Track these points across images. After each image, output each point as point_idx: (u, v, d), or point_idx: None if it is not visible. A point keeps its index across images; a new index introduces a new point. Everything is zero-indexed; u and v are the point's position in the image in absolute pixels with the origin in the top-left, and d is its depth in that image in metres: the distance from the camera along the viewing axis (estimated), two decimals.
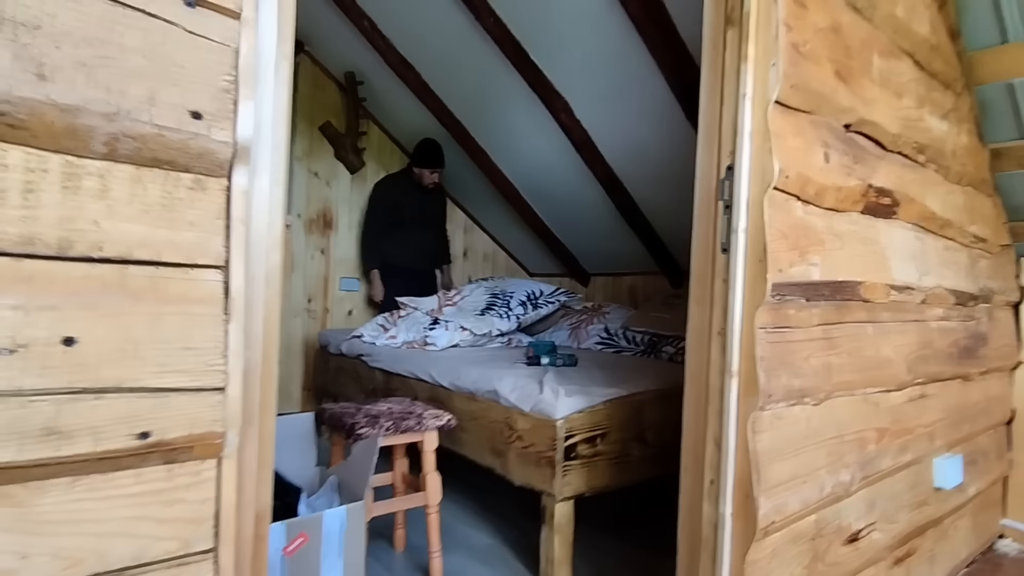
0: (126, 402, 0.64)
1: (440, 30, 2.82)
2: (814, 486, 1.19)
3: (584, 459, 1.68)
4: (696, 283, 1.17)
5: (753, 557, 1.06)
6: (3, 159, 0.57)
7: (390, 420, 1.62)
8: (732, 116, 1.10)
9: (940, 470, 1.61)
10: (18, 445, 0.58)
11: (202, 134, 0.67)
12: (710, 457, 1.12)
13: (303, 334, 3.68)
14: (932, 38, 1.57)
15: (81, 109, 0.60)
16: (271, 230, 0.77)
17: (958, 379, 1.74)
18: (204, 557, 0.71)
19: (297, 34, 0.81)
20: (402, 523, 1.93)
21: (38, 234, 0.59)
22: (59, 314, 0.60)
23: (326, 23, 3.19)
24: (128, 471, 0.65)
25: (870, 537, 1.36)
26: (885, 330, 1.41)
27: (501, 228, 4.21)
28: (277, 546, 1.38)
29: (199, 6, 0.67)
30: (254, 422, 0.76)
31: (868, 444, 1.34)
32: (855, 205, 1.31)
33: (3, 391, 0.57)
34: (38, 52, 0.58)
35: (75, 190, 0.61)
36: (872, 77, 1.33)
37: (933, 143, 1.58)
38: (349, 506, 1.52)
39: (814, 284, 1.18)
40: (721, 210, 1.11)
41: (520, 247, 4.27)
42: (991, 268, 1.95)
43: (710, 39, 1.15)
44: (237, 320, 0.71)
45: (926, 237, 1.59)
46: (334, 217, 3.79)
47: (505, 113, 3.11)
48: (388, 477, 1.87)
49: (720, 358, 1.10)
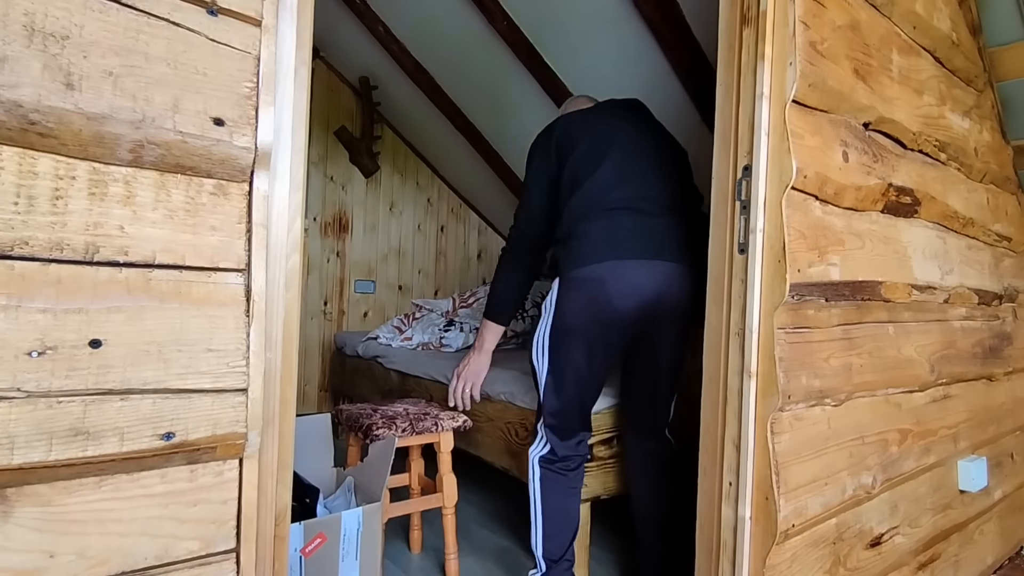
0: (151, 403, 0.65)
1: (454, 34, 2.83)
2: (835, 488, 1.17)
3: (601, 461, 1.67)
4: (713, 283, 1.16)
5: (773, 561, 1.05)
6: (33, 167, 0.59)
7: (406, 421, 1.63)
8: (749, 116, 1.09)
9: (965, 472, 1.58)
10: (47, 445, 0.60)
11: (224, 140, 0.68)
12: (728, 459, 1.11)
13: (319, 336, 3.71)
14: (952, 34, 1.54)
15: (108, 117, 0.61)
16: (290, 234, 0.78)
17: (983, 379, 1.71)
18: (226, 557, 0.72)
19: (312, 40, 0.82)
20: (418, 524, 1.94)
21: (66, 239, 0.61)
22: (86, 317, 0.62)
23: (341, 29, 3.22)
24: (153, 471, 0.66)
25: (893, 541, 1.34)
26: (907, 330, 1.39)
27: None
28: (295, 546, 1.39)
29: (221, 15, 0.68)
30: (274, 423, 0.77)
31: (890, 446, 1.32)
32: (875, 204, 1.29)
33: (33, 392, 0.59)
34: (66, 62, 0.59)
35: (101, 196, 0.63)
36: (891, 74, 1.32)
37: (955, 141, 1.55)
38: (366, 507, 1.53)
39: (834, 284, 1.17)
40: (738, 210, 1.11)
41: None
42: (1016, 267, 1.91)
43: (726, 38, 1.14)
44: (258, 322, 0.72)
45: (948, 236, 1.56)
46: (350, 221, 3.82)
47: (519, 116, 3.11)
48: (404, 478, 1.88)
49: (738, 359, 1.09)
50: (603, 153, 1.45)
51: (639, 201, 1.41)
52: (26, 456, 0.58)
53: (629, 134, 1.50)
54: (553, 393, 1.47)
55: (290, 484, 0.80)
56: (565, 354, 1.43)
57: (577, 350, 1.42)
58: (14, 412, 0.58)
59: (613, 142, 1.47)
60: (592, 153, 1.45)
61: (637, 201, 1.41)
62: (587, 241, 1.39)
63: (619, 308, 1.37)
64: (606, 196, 1.41)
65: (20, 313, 0.58)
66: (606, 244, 1.38)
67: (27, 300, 0.58)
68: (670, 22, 2.14)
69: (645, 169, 1.46)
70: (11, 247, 0.58)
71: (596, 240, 1.38)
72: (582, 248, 1.39)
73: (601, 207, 1.40)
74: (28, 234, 0.59)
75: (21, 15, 0.57)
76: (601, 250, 1.37)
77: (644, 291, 1.38)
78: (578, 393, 1.47)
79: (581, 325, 1.40)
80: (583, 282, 1.38)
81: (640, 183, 1.44)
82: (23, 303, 0.58)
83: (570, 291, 1.41)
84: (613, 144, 1.46)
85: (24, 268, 0.58)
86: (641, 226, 1.40)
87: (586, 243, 1.39)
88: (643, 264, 1.38)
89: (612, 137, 1.48)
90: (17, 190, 0.58)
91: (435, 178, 4.14)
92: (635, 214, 1.40)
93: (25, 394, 0.58)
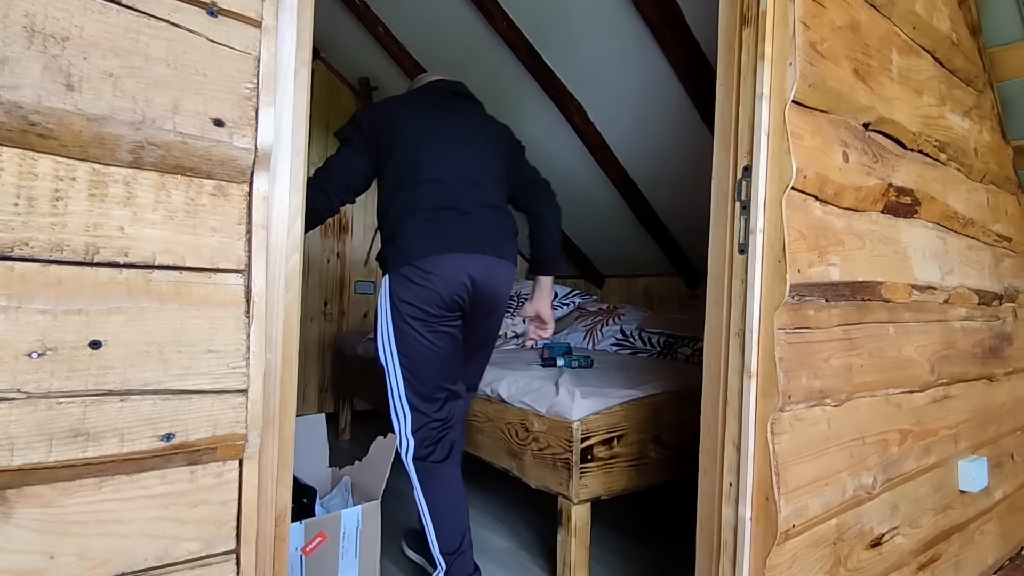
0: (151, 404, 0.65)
1: (454, 34, 2.83)
2: (835, 489, 1.17)
3: (601, 461, 1.67)
4: (713, 284, 1.16)
5: (773, 561, 1.05)
6: (33, 168, 0.59)
7: None
8: (749, 116, 1.09)
9: (965, 473, 1.58)
10: (47, 446, 0.60)
11: (224, 141, 0.68)
12: (729, 459, 1.11)
13: (320, 337, 3.72)
14: (952, 34, 1.55)
15: (108, 118, 0.61)
16: (290, 234, 0.78)
17: (983, 380, 1.71)
18: (226, 558, 0.72)
19: (312, 41, 0.82)
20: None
21: (66, 240, 0.61)
22: (86, 318, 0.62)
23: (341, 29, 3.22)
24: (153, 472, 0.66)
25: (893, 541, 1.34)
26: (907, 330, 1.39)
27: None
28: (295, 546, 1.39)
29: (221, 16, 0.68)
30: (274, 423, 0.77)
31: (891, 446, 1.32)
32: (875, 205, 1.29)
33: (33, 393, 0.59)
34: (67, 63, 0.59)
35: (102, 197, 0.63)
36: (891, 75, 1.32)
37: (955, 141, 1.55)
38: (365, 505, 1.53)
39: (834, 284, 1.17)
40: (738, 211, 1.11)
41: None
42: (1016, 267, 1.91)
43: (726, 39, 1.14)
44: (258, 323, 0.72)
45: (948, 236, 1.56)
46: (349, 221, 3.82)
47: (518, 116, 3.11)
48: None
49: (738, 359, 1.09)
50: (426, 152, 1.55)
51: (460, 201, 1.54)
52: (26, 457, 0.58)
53: (453, 130, 1.61)
54: (412, 376, 1.54)
55: (290, 485, 0.80)
56: (410, 336, 1.52)
57: (418, 331, 1.52)
58: (14, 413, 0.58)
59: (435, 140, 1.57)
60: (414, 150, 1.55)
61: (458, 200, 1.54)
62: (413, 238, 1.50)
63: (445, 296, 1.50)
64: (430, 198, 1.52)
65: (20, 314, 0.58)
66: (431, 240, 1.50)
67: (27, 301, 0.58)
68: (670, 22, 2.14)
69: (468, 166, 1.58)
70: (11, 248, 0.58)
71: (421, 237, 1.50)
72: (408, 245, 1.50)
73: (426, 207, 1.52)
74: (28, 235, 0.59)
75: (21, 16, 0.57)
76: (427, 246, 1.49)
77: (465, 280, 1.52)
78: (431, 366, 1.55)
79: (415, 310, 1.51)
80: (411, 275, 1.49)
81: (462, 184, 1.56)
82: (23, 304, 0.58)
83: (400, 284, 1.51)
84: (435, 143, 1.57)
85: (24, 269, 0.58)
86: (460, 222, 1.53)
87: (411, 240, 1.50)
88: (464, 257, 1.51)
89: (435, 135, 1.58)
90: (17, 191, 0.58)
91: None
92: (456, 212, 1.53)
93: (25, 395, 0.58)
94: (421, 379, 1.54)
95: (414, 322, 1.51)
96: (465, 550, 1.54)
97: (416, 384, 1.54)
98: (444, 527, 1.52)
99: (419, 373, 1.53)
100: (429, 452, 1.55)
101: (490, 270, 1.56)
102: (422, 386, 1.54)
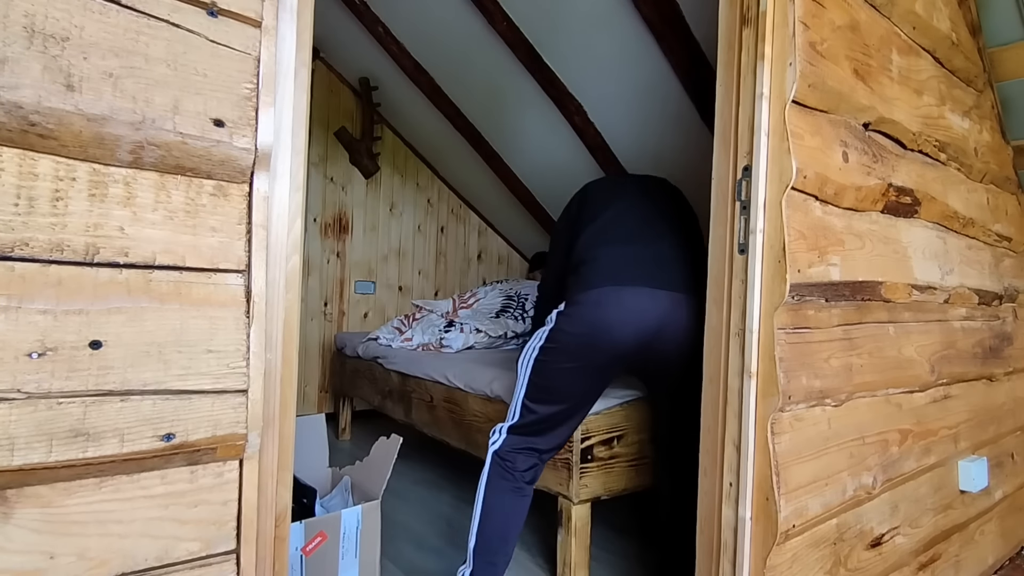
0: (151, 404, 0.65)
1: (453, 34, 2.83)
2: (836, 489, 1.17)
3: (601, 461, 1.67)
4: (713, 284, 1.16)
5: (773, 561, 1.05)
6: (33, 168, 0.59)
7: None
8: (749, 116, 1.09)
9: (965, 473, 1.58)
10: (47, 447, 0.60)
11: (224, 141, 0.68)
12: (729, 459, 1.11)
13: (320, 337, 3.71)
14: (952, 34, 1.55)
15: (108, 119, 0.61)
16: (291, 235, 0.78)
17: (983, 380, 1.70)
18: (226, 558, 0.72)
19: (312, 41, 0.82)
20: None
21: (66, 240, 0.61)
22: (86, 318, 0.62)
23: (341, 29, 3.22)
24: (153, 472, 0.66)
25: (893, 541, 1.34)
26: (907, 330, 1.39)
27: (515, 231, 4.22)
28: (295, 545, 1.39)
29: (221, 16, 0.68)
30: (274, 423, 0.77)
31: (891, 446, 1.32)
32: (875, 205, 1.29)
33: (33, 393, 0.59)
34: (67, 63, 0.59)
35: (102, 197, 0.63)
36: (891, 75, 1.32)
37: (954, 141, 1.55)
38: (365, 505, 1.53)
39: (834, 284, 1.17)
40: (738, 211, 1.11)
41: (534, 249, 4.27)
42: (1016, 267, 1.91)
43: (726, 39, 1.14)
44: (258, 323, 0.72)
45: (948, 236, 1.56)
46: (350, 221, 3.82)
47: (518, 116, 3.11)
48: None
49: (738, 359, 1.09)
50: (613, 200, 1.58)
51: (644, 235, 1.48)
52: (26, 457, 0.58)
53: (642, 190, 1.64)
54: (526, 407, 1.47)
55: (290, 485, 0.80)
56: (549, 370, 1.44)
57: (562, 369, 1.42)
58: (14, 413, 0.58)
59: (625, 195, 1.60)
60: (603, 200, 1.59)
61: (641, 235, 1.48)
62: (593, 267, 1.43)
63: (616, 336, 1.36)
64: (613, 231, 1.49)
65: (20, 314, 0.58)
66: (609, 270, 1.41)
67: (27, 301, 0.58)
68: (670, 22, 2.14)
69: (653, 217, 1.55)
70: (11, 248, 0.58)
71: (601, 266, 1.42)
72: (587, 274, 1.43)
73: (609, 238, 1.48)
74: (28, 235, 0.59)
75: (21, 16, 0.57)
76: (604, 275, 1.40)
77: (644, 318, 1.37)
78: (552, 412, 1.45)
79: (573, 345, 1.40)
80: (583, 305, 1.40)
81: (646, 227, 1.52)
82: (23, 304, 0.58)
83: (570, 313, 1.43)
84: (625, 196, 1.60)
85: (24, 269, 0.58)
86: (644, 254, 1.43)
87: (591, 269, 1.43)
88: (644, 291, 1.38)
89: (624, 191, 1.62)
90: (17, 191, 0.58)
91: (435, 179, 4.15)
92: (639, 244, 1.45)
93: (25, 395, 0.58)
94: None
95: (561, 353, 1.47)
96: (497, 563, 1.46)
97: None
98: (486, 527, 1.46)
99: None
100: (510, 459, 1.47)
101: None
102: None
